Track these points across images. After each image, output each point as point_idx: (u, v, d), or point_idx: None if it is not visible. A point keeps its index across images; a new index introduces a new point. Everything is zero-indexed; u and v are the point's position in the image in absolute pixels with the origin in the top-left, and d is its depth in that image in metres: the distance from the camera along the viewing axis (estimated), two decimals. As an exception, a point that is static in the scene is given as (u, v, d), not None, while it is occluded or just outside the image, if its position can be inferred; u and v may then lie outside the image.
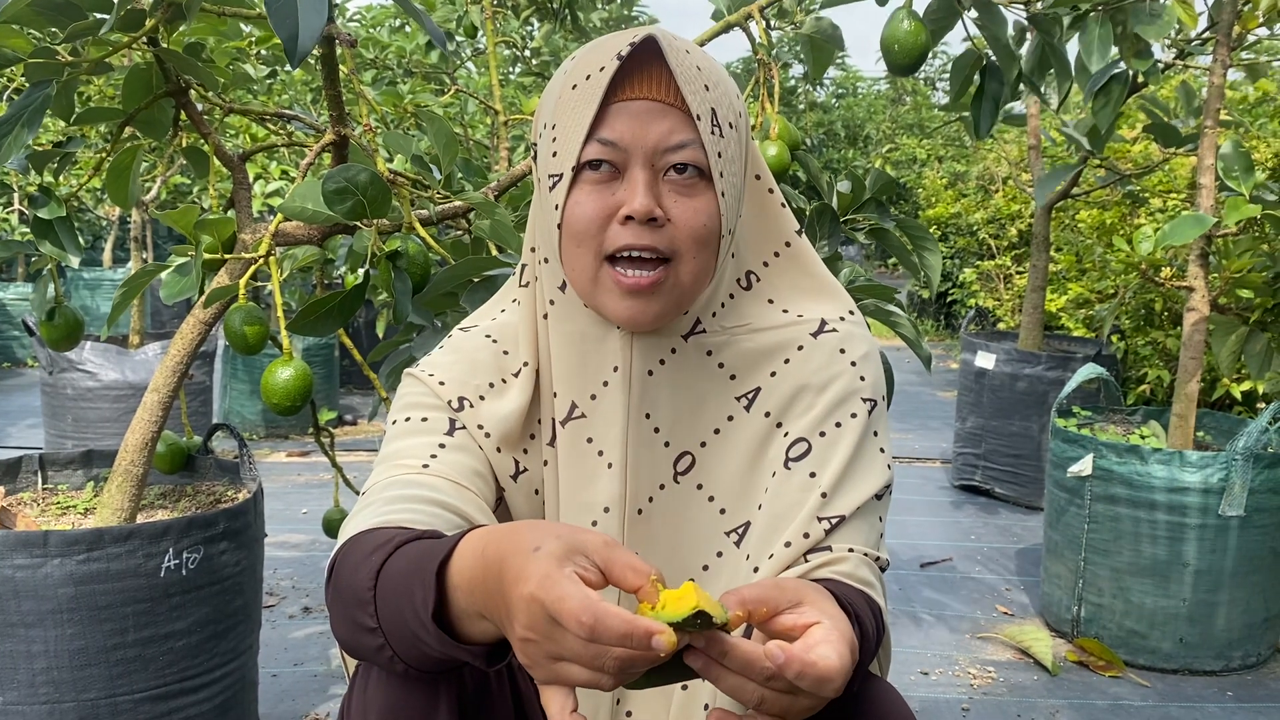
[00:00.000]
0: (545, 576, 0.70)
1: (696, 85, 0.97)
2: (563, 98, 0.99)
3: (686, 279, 0.99)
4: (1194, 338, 2.59)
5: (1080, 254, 4.83)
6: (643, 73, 0.97)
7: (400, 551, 0.83)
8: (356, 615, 0.84)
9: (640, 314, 0.98)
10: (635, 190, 0.95)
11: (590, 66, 0.98)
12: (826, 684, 0.75)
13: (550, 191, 0.99)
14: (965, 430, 4.10)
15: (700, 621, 0.72)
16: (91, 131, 4.10)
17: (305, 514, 3.69)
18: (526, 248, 1.10)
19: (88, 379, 3.93)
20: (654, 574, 0.73)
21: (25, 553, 1.56)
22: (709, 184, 0.98)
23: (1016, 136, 6.53)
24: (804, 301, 1.10)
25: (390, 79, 4.18)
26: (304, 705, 2.27)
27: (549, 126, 1.00)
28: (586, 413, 1.05)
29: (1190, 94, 3.22)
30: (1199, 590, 2.51)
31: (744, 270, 1.09)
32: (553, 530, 0.74)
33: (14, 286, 7.03)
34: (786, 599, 0.79)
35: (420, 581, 0.78)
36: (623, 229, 0.96)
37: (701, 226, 0.97)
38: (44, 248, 1.66)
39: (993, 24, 1.97)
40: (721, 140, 0.99)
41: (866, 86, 13.61)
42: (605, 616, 0.68)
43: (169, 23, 1.61)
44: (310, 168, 1.75)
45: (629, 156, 0.96)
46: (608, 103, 0.97)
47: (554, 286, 1.05)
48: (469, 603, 0.77)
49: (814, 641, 0.76)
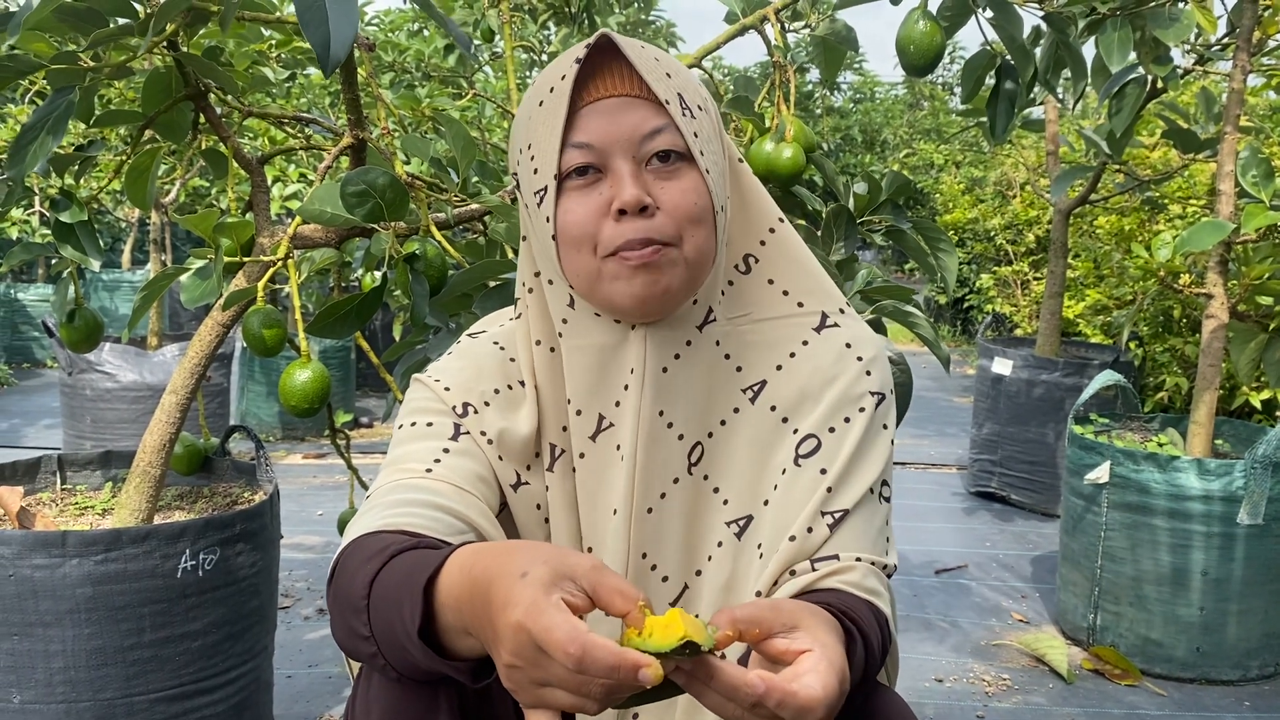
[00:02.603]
0: (532, 604, 0.70)
1: (658, 74, 0.99)
2: (533, 116, 1.00)
3: (690, 254, 0.99)
4: (1213, 345, 2.58)
5: (1098, 260, 4.81)
6: (604, 72, 0.98)
7: (394, 562, 0.83)
8: (352, 622, 0.85)
9: (651, 290, 0.97)
10: (622, 183, 0.96)
11: (552, 79, 0.99)
12: (807, 714, 0.75)
13: (539, 208, 1.00)
14: (981, 436, 4.09)
15: (689, 651, 0.72)
16: (110, 134, 4.13)
17: (320, 516, 3.70)
18: (519, 281, 1.10)
19: (106, 380, 3.96)
20: (641, 599, 0.73)
21: (44, 553, 1.57)
22: (691, 164, 0.99)
23: (1034, 142, 6.51)
24: (803, 281, 1.10)
25: (408, 82, 4.19)
26: (318, 707, 2.28)
27: (526, 148, 1.01)
28: (614, 421, 1.05)
29: (1210, 99, 3.20)
30: (1216, 599, 2.49)
31: (740, 254, 1.09)
32: (540, 554, 0.74)
33: (34, 288, 7.09)
34: (780, 621, 0.79)
35: (409, 595, 0.79)
36: (617, 226, 0.96)
37: (693, 205, 0.98)
38: (65, 251, 1.67)
39: (1008, 23, 1.96)
40: (694, 121, 0.99)
41: (884, 91, 13.58)
42: (592, 649, 0.68)
43: (189, 27, 1.62)
44: (328, 171, 1.76)
45: (608, 154, 0.97)
46: (576, 108, 0.98)
47: (563, 305, 1.05)
48: (456, 620, 0.77)
49: (801, 670, 0.76)
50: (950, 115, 12.01)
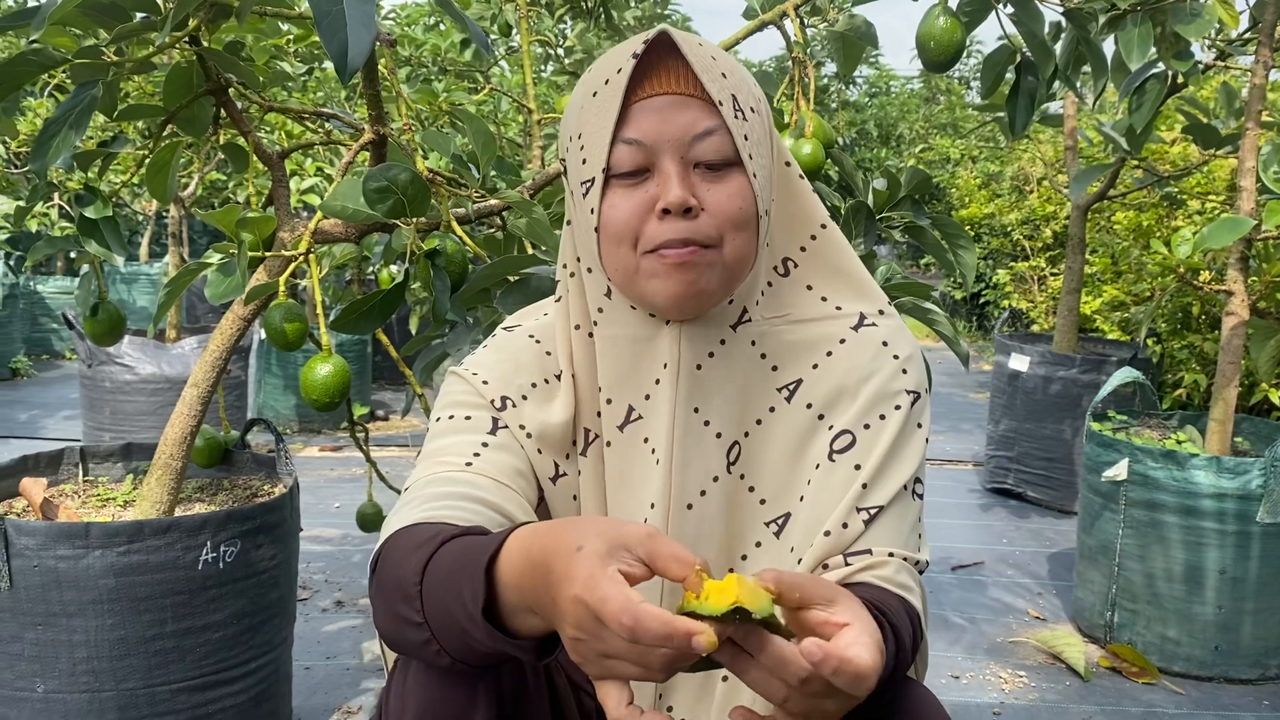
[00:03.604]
0: (589, 577, 0.70)
1: (714, 74, 0.99)
2: (585, 106, 1.00)
3: (730, 258, 0.99)
4: (1232, 342, 2.56)
5: (1116, 256, 4.78)
6: (660, 69, 0.98)
7: (446, 547, 0.83)
8: (401, 610, 0.84)
9: (688, 289, 0.98)
10: (669, 183, 0.96)
11: (608, 71, 0.99)
12: (861, 682, 0.75)
13: (584, 198, 1.00)
14: (998, 433, 4.07)
15: (739, 617, 0.72)
16: (129, 128, 4.15)
17: (338, 508, 3.72)
18: (559, 264, 1.11)
19: (126, 373, 3.98)
20: (699, 564, 0.73)
21: (67, 544, 1.59)
22: (740, 168, 0.99)
23: (1052, 137, 6.47)
24: (841, 289, 1.10)
25: (425, 77, 4.20)
26: (336, 698, 2.29)
27: (576, 137, 1.01)
28: (644, 414, 1.05)
29: (1231, 95, 3.18)
30: (1235, 597, 2.48)
31: (780, 257, 1.10)
32: (594, 527, 0.74)
33: (53, 280, 7.13)
34: (820, 593, 0.79)
35: (469, 577, 0.79)
36: (660, 225, 0.97)
37: (737, 210, 0.98)
38: (90, 246, 1.68)
39: (1029, 20, 1.95)
40: (746, 124, 0.99)
41: (900, 85, 13.53)
42: (644, 619, 0.68)
43: (210, 22, 1.63)
44: (349, 166, 1.77)
45: (657, 152, 0.97)
46: (629, 103, 0.98)
47: (599, 294, 1.05)
48: (519, 599, 0.78)
49: (848, 641, 0.76)
50: (967, 110, 11.96)
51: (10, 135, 2.43)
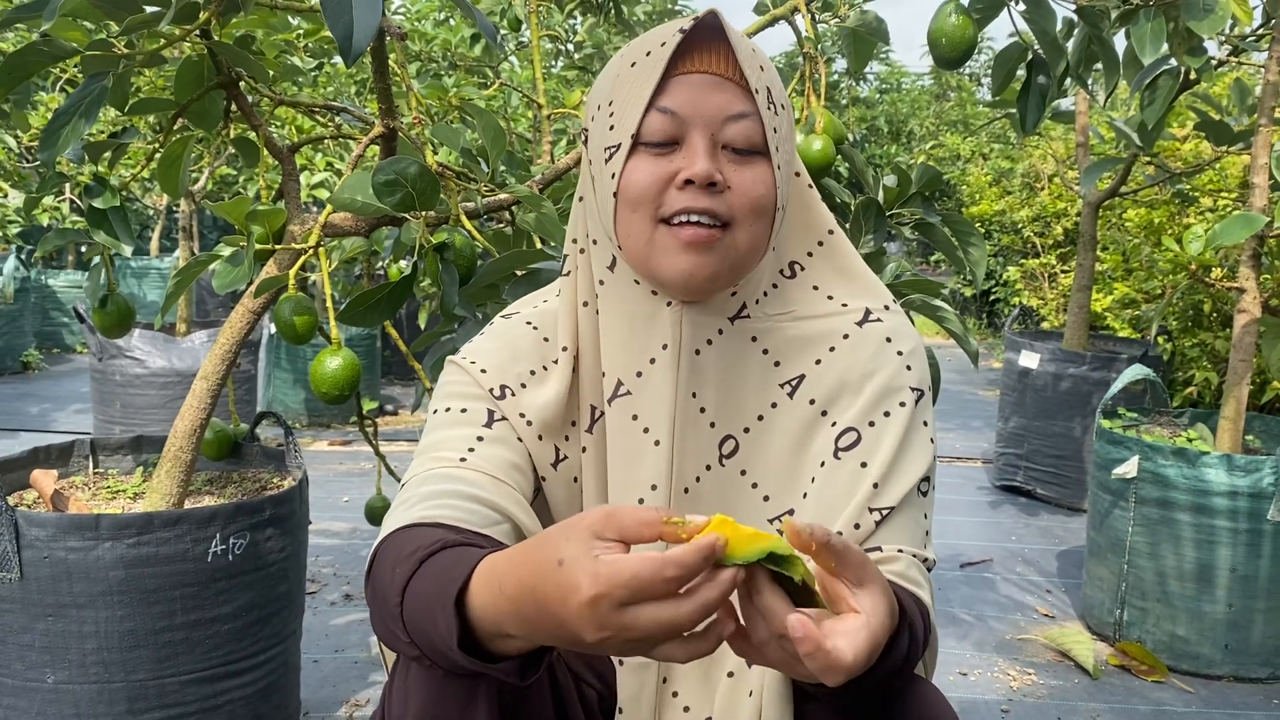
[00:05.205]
0: (594, 575, 0.70)
1: (754, 64, 1.00)
2: (621, 75, 1.01)
3: (743, 245, 1.00)
4: (1244, 340, 2.55)
5: (1127, 253, 4.76)
6: (703, 48, 0.99)
7: (423, 568, 0.83)
8: (390, 625, 0.85)
9: (698, 269, 0.98)
10: (696, 155, 0.97)
11: (651, 44, 1.00)
12: (829, 673, 0.75)
13: (606, 164, 1.01)
14: (1007, 430, 4.06)
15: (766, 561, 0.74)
16: (140, 122, 4.16)
17: (347, 502, 3.73)
18: (569, 239, 1.11)
19: (136, 366, 4.00)
20: (663, 515, 0.73)
21: (78, 535, 1.60)
22: (765, 159, 1.00)
23: (1063, 133, 6.45)
24: (847, 288, 1.11)
25: (435, 72, 4.20)
26: (344, 691, 2.30)
27: (606, 104, 1.02)
28: (633, 390, 1.05)
29: (1244, 91, 3.16)
30: (1245, 596, 2.47)
31: (786, 261, 1.10)
32: (558, 537, 0.74)
33: (64, 274, 7.16)
34: (854, 572, 0.78)
35: (441, 608, 0.79)
36: (681, 193, 0.97)
37: (760, 195, 0.99)
38: (99, 237, 1.69)
39: (1041, 17, 1.94)
40: (776, 118, 1.01)
41: (911, 82, 13.48)
42: (671, 554, 0.70)
43: (221, 15, 1.63)
44: (359, 160, 1.77)
45: (688, 126, 0.98)
46: (668, 76, 0.99)
47: (603, 266, 1.06)
48: (494, 627, 0.78)
49: (840, 629, 0.76)
50: (977, 106, 11.92)
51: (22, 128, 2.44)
